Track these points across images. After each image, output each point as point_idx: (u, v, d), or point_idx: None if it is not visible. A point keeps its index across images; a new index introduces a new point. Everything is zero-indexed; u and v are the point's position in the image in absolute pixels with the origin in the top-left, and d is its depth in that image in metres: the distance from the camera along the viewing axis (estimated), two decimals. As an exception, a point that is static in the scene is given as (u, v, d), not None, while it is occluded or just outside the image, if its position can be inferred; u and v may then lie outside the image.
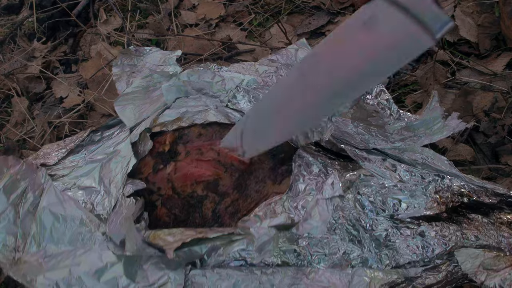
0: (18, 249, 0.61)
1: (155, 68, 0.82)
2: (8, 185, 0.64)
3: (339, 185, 0.56)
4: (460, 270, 0.58)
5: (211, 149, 0.67)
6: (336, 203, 0.56)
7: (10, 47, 1.21)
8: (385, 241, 0.60)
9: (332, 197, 0.56)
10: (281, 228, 0.57)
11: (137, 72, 0.83)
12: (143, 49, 0.87)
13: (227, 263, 0.59)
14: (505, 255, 0.57)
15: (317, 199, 0.57)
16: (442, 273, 0.58)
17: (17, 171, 0.66)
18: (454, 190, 0.62)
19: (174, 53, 0.84)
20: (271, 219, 0.56)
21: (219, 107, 0.73)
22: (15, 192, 0.64)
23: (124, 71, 0.83)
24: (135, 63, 0.85)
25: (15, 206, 0.63)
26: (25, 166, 0.67)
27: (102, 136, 0.78)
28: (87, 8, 1.24)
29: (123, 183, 0.66)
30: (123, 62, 0.84)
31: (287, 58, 0.87)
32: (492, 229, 0.60)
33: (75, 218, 0.63)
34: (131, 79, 0.81)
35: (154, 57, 0.85)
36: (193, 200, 0.66)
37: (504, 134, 0.82)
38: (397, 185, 0.63)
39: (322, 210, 0.56)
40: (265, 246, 0.56)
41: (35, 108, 1.08)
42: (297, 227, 0.56)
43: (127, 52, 0.86)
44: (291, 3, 1.15)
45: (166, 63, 0.83)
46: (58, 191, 0.66)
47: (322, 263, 0.59)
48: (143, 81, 0.79)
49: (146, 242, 0.54)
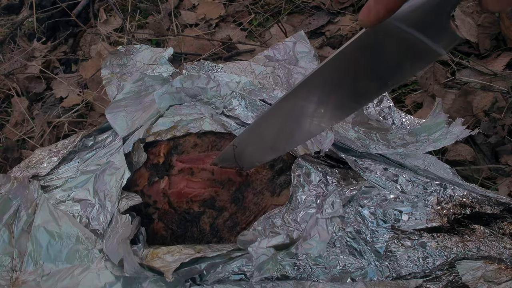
0: (15, 269, 0.61)
1: (146, 69, 0.79)
2: (0, 206, 0.63)
3: (340, 204, 0.55)
4: (461, 279, 0.57)
5: (203, 169, 0.66)
6: (335, 224, 0.55)
7: (10, 47, 1.20)
8: (386, 253, 0.59)
9: (332, 217, 0.55)
10: (279, 248, 0.56)
11: (127, 73, 0.80)
12: (132, 47, 0.84)
13: (226, 277, 0.58)
14: (507, 268, 0.56)
15: (316, 218, 0.55)
16: (442, 283, 0.57)
17: (8, 190, 0.64)
18: (457, 201, 0.61)
19: (165, 51, 0.81)
20: (269, 239, 0.55)
21: (215, 116, 0.71)
22: (7, 212, 0.63)
23: (114, 72, 0.80)
24: (124, 62, 0.82)
25: (8, 226, 0.63)
26: (16, 184, 0.65)
27: (95, 141, 0.76)
28: (87, 8, 1.23)
29: (118, 198, 0.64)
30: (112, 63, 0.81)
31: (285, 53, 0.84)
32: (494, 240, 0.59)
33: (71, 236, 0.62)
34: (121, 82, 0.79)
35: (144, 55, 0.83)
36: (189, 216, 0.65)
37: (504, 134, 0.82)
38: (399, 197, 0.61)
39: (322, 230, 0.54)
40: (264, 265, 0.55)
41: (35, 108, 1.08)
42: (296, 246, 0.55)
43: (116, 52, 0.83)
44: (291, 3, 1.13)
45: (157, 62, 0.80)
46: (51, 207, 0.64)
47: (322, 276, 0.58)
48: (134, 85, 0.75)
49: (144, 266, 0.53)
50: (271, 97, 0.74)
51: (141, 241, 0.61)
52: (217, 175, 0.65)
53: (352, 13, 1.09)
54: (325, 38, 1.06)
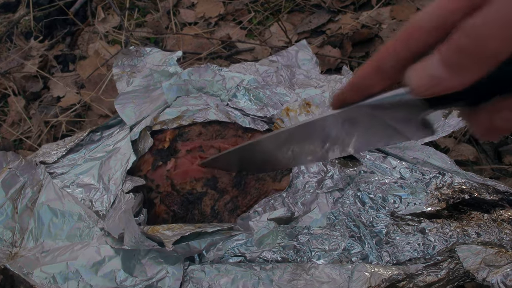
0: (15, 244, 0.61)
1: (155, 68, 0.82)
2: (7, 180, 0.64)
3: (339, 178, 0.56)
4: (462, 267, 0.57)
5: (211, 146, 0.68)
6: (336, 197, 0.56)
7: (7, 45, 1.21)
8: (386, 238, 0.59)
9: (331, 191, 0.55)
10: (280, 221, 0.56)
11: (137, 72, 0.84)
12: (143, 50, 0.88)
13: (226, 259, 0.59)
14: (507, 251, 0.56)
15: (316, 193, 0.57)
16: (443, 271, 0.57)
17: (16, 166, 0.65)
18: (455, 187, 0.62)
19: (174, 54, 0.85)
20: (270, 213, 0.56)
21: (220, 106, 0.74)
22: (13, 187, 0.64)
23: (124, 71, 0.84)
24: (135, 63, 0.86)
25: (13, 201, 0.63)
26: (24, 162, 0.67)
27: (102, 135, 0.78)
28: (85, 6, 1.24)
29: (123, 180, 0.66)
30: (123, 63, 0.85)
31: (288, 60, 0.88)
32: (494, 225, 0.59)
33: (73, 214, 0.63)
34: (131, 79, 0.82)
35: (154, 58, 0.86)
36: (192, 197, 0.66)
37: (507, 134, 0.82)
38: (398, 181, 0.62)
39: (322, 203, 0.55)
40: (264, 239, 0.56)
41: (32, 107, 1.08)
42: (296, 220, 0.56)
43: (128, 52, 0.87)
44: (292, 1, 1.16)
45: (166, 64, 0.83)
46: (57, 187, 0.65)
47: (322, 259, 0.58)
48: (144, 80, 0.80)
49: (145, 234, 0.53)
50: (274, 93, 0.77)
51: (142, 222, 0.62)
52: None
53: (353, 12, 1.11)
54: (325, 36, 1.08)
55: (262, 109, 0.74)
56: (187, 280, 0.57)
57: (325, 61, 1.00)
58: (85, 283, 0.55)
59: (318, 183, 0.59)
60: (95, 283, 0.55)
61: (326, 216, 0.55)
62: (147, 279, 0.56)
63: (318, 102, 0.71)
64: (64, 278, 0.55)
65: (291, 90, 0.77)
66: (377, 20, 1.06)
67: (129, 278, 0.56)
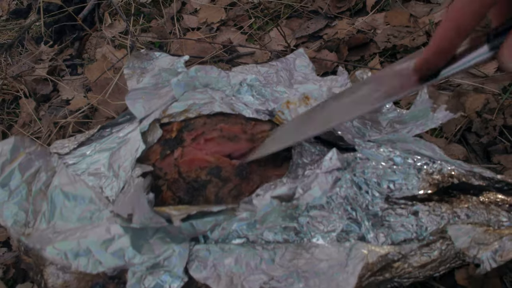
0: (28, 225, 0.63)
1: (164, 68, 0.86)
2: (24, 163, 0.66)
3: (337, 159, 0.59)
4: (453, 248, 0.60)
5: (213, 129, 0.72)
6: (335, 176, 0.59)
7: (18, 50, 1.24)
8: (381, 220, 0.62)
9: (331, 170, 0.58)
10: (283, 198, 0.59)
11: (146, 72, 0.88)
12: (153, 54, 0.93)
13: (229, 240, 0.61)
14: (494, 230, 0.59)
15: (316, 174, 0.59)
16: (435, 251, 0.60)
17: (32, 151, 0.68)
18: (445, 173, 0.65)
19: (182, 58, 0.89)
20: (273, 190, 0.59)
21: (224, 99, 0.78)
22: (29, 170, 0.67)
23: (135, 71, 0.88)
24: (145, 66, 0.90)
25: (28, 184, 0.66)
26: (40, 148, 0.70)
27: (112, 131, 0.82)
28: (93, 13, 1.28)
29: (132, 167, 0.69)
30: (134, 65, 0.89)
31: (286, 65, 0.92)
32: (482, 207, 0.62)
33: (85, 197, 0.65)
34: (141, 78, 0.86)
35: (163, 61, 0.91)
36: (197, 184, 0.69)
37: (495, 134, 0.85)
38: (392, 167, 0.66)
39: (322, 182, 0.58)
40: (268, 217, 0.58)
41: (42, 109, 1.11)
42: (298, 199, 0.59)
43: (139, 55, 0.91)
44: (290, 7, 1.20)
45: (174, 66, 0.87)
46: (69, 172, 0.68)
47: (321, 240, 0.61)
48: (153, 78, 0.84)
49: (154, 211, 0.56)
50: (275, 91, 0.81)
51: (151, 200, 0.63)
52: (225, 131, 0.72)
53: (349, 17, 1.14)
54: (323, 41, 1.11)
55: (264, 103, 0.78)
56: (193, 259, 0.59)
57: (322, 64, 1.03)
58: (95, 260, 0.57)
59: (317, 165, 0.62)
60: (104, 260, 0.57)
61: (326, 194, 0.58)
62: (154, 257, 0.58)
63: (316, 96, 0.74)
64: (75, 254, 0.57)
65: (291, 88, 0.81)
66: (372, 25, 1.10)
67: (137, 256, 0.58)
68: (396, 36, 1.04)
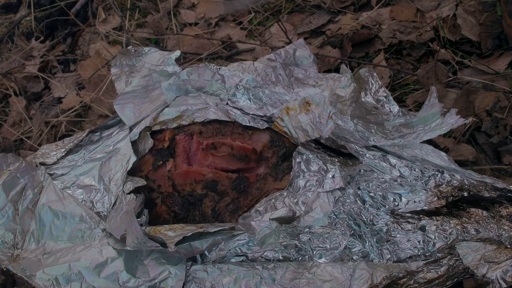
0: (17, 246, 0.61)
1: (154, 68, 0.83)
2: (8, 182, 0.64)
3: (340, 177, 0.56)
4: (461, 264, 0.58)
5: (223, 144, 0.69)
6: (337, 196, 0.56)
7: (8, 46, 1.21)
8: (386, 236, 0.60)
9: (333, 190, 0.56)
10: (282, 221, 0.57)
11: (136, 72, 0.84)
12: (141, 50, 0.88)
13: (228, 259, 0.59)
14: (506, 248, 0.56)
15: (318, 193, 0.57)
16: (443, 267, 0.58)
17: (16, 168, 0.66)
18: (454, 184, 0.63)
19: (173, 53, 0.85)
20: (272, 212, 0.56)
21: (219, 105, 0.74)
22: (14, 189, 0.64)
23: (123, 70, 0.84)
24: (133, 63, 0.85)
25: (14, 203, 0.63)
26: (24, 164, 0.67)
27: (101, 136, 0.79)
28: (86, 7, 1.25)
29: (123, 181, 0.66)
30: (121, 62, 0.85)
31: (286, 58, 0.87)
32: (493, 222, 0.60)
33: (74, 215, 0.63)
34: (130, 79, 0.82)
35: (153, 58, 0.86)
36: (192, 198, 0.67)
37: (506, 134, 0.82)
38: (397, 180, 0.63)
39: (323, 202, 0.56)
40: (267, 239, 0.56)
41: (33, 107, 1.08)
42: (298, 220, 0.56)
43: (126, 52, 0.86)
44: (292, 2, 1.16)
45: (165, 63, 0.83)
46: (57, 188, 0.66)
47: (323, 257, 0.58)
48: (142, 80, 0.80)
49: (147, 235, 0.54)
50: (273, 92, 0.77)
51: (144, 223, 0.62)
52: (236, 150, 0.68)
53: (353, 12, 1.11)
54: (325, 37, 1.08)
55: (261, 108, 0.74)
56: (190, 280, 0.57)
57: (325, 61, 1.01)
58: (88, 285, 0.55)
59: (319, 182, 0.59)
60: (98, 285, 0.55)
61: (327, 215, 0.56)
62: (149, 280, 0.56)
63: (318, 101, 0.71)
64: (67, 279, 0.55)
65: (290, 89, 0.78)
66: (377, 20, 1.07)
67: (132, 279, 0.56)
68: (402, 31, 1.00)
